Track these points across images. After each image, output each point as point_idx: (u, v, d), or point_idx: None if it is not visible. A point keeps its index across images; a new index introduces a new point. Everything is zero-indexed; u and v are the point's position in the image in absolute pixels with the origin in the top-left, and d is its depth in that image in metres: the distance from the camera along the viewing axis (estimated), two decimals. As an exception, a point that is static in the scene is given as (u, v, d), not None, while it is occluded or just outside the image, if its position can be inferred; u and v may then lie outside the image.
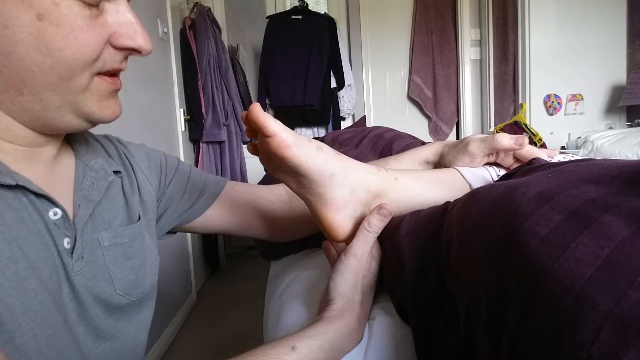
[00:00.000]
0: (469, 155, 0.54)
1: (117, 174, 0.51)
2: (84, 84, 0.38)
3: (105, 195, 0.48)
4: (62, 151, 0.46)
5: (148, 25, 1.74)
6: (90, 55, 0.37)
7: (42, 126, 0.39)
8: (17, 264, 0.35)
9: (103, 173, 0.48)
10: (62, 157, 0.46)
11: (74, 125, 0.40)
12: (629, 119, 2.38)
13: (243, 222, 0.61)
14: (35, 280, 0.36)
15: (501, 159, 0.55)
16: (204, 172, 0.63)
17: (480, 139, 0.54)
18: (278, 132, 0.36)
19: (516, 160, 0.54)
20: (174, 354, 1.69)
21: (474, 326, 0.28)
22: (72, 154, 0.48)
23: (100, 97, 0.41)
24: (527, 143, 0.51)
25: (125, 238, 0.48)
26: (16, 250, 0.35)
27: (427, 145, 0.62)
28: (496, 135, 0.52)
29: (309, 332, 0.38)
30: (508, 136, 0.51)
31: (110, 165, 0.50)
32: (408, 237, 0.41)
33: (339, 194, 0.42)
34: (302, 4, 2.76)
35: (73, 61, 0.36)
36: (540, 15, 2.43)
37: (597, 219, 0.21)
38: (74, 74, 0.37)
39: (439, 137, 2.99)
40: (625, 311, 0.16)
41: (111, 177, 0.49)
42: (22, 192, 0.38)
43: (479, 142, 0.53)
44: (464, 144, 0.55)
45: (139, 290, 0.50)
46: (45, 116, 0.38)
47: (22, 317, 0.34)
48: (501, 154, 0.54)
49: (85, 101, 0.39)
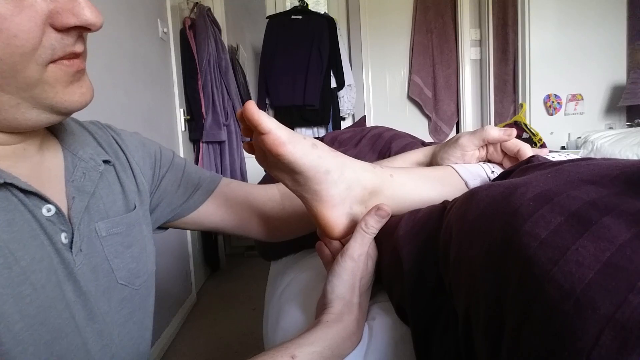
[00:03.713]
0: (460, 149, 0.55)
1: (108, 164, 0.49)
2: (35, 76, 0.34)
3: (99, 185, 0.47)
4: (46, 142, 0.44)
5: (148, 25, 1.74)
6: (24, 45, 0.32)
7: (8, 127, 0.37)
8: (10, 270, 0.34)
9: (93, 163, 0.46)
10: (47, 148, 0.44)
11: (43, 120, 0.37)
12: (629, 119, 2.37)
13: (237, 220, 0.60)
14: (31, 285, 0.35)
15: (491, 154, 0.56)
16: (199, 167, 0.62)
17: (470, 132, 0.55)
18: (273, 129, 0.36)
19: (505, 155, 0.55)
20: (174, 354, 1.68)
21: (473, 328, 0.28)
22: (57, 145, 0.45)
23: (62, 85, 0.36)
24: (515, 135, 0.53)
25: (123, 227, 0.48)
26: (8, 255, 0.34)
27: (418, 149, 0.63)
28: (486, 127, 0.53)
29: (308, 339, 0.37)
30: (497, 128, 0.53)
31: (99, 155, 0.48)
32: (406, 237, 0.41)
33: (334, 191, 0.42)
34: (302, 4, 2.76)
35: (7, 56, 0.31)
36: (540, 15, 2.42)
37: (597, 221, 0.21)
38: (14, 69, 0.32)
39: (439, 137, 2.99)
40: (626, 316, 0.16)
41: (102, 167, 0.47)
42: (11, 191, 0.36)
43: (469, 134, 0.55)
44: (455, 139, 0.56)
45: (142, 279, 0.49)
46: (4, 117, 0.35)
47: (18, 324, 0.34)
48: (491, 148, 0.55)
49: (45, 93, 0.35)
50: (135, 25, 1.60)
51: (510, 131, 0.52)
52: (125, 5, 1.52)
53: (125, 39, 1.50)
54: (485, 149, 0.56)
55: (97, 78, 1.26)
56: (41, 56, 0.34)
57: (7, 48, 0.31)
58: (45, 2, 0.33)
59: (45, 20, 0.33)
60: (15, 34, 0.31)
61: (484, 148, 0.56)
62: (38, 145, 0.42)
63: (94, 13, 0.35)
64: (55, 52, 0.34)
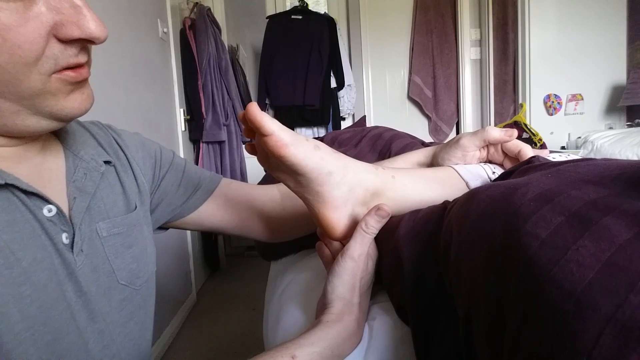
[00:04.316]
0: (461, 149, 0.55)
1: (109, 164, 0.49)
2: (37, 86, 0.34)
3: (100, 185, 0.47)
4: (47, 143, 0.44)
5: (148, 25, 1.74)
6: (28, 55, 0.32)
7: (8, 132, 0.37)
8: (11, 270, 0.34)
9: (94, 164, 0.46)
10: (49, 149, 0.44)
11: (43, 126, 0.37)
12: (629, 119, 2.37)
13: (237, 220, 0.60)
14: (32, 285, 0.35)
15: (492, 154, 0.56)
16: (199, 168, 0.62)
17: (471, 132, 0.55)
18: (275, 131, 0.36)
19: (506, 156, 0.55)
20: (174, 354, 1.68)
21: (473, 328, 0.28)
22: (59, 145, 0.46)
23: (64, 94, 0.36)
24: (516, 136, 0.53)
25: (124, 227, 0.48)
26: (9, 255, 0.34)
27: (419, 150, 0.63)
28: (487, 128, 0.54)
29: (308, 339, 0.37)
30: (498, 128, 0.53)
31: (100, 155, 0.48)
32: (407, 237, 0.41)
33: (336, 193, 0.42)
34: (302, 4, 2.76)
35: (10, 66, 0.32)
36: (540, 15, 2.43)
37: (597, 221, 0.21)
38: (16, 79, 0.33)
39: (439, 137, 2.99)
40: (627, 316, 0.16)
41: (102, 167, 0.47)
42: (12, 192, 0.36)
43: (470, 135, 0.55)
44: (456, 139, 0.56)
45: (142, 279, 0.49)
46: (4, 123, 0.35)
47: (20, 324, 0.34)
48: (491, 149, 0.55)
49: (46, 102, 0.35)
50: (135, 25, 1.60)
51: (512, 132, 0.52)
52: (125, 5, 1.52)
53: (125, 39, 1.50)
54: (486, 149, 0.56)
55: (97, 78, 1.26)
56: (44, 66, 0.34)
57: (11, 58, 0.31)
58: (50, 14, 0.33)
59: (49, 32, 0.33)
60: (19, 45, 0.31)
61: (485, 149, 0.56)
62: (40, 146, 0.42)
63: (99, 27, 0.35)
64: (57, 63, 0.35)
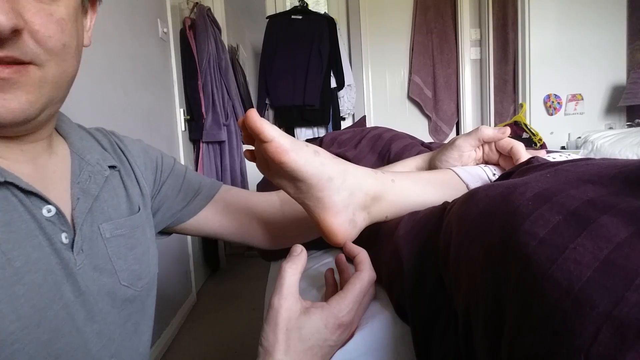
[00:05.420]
0: (457, 150, 0.56)
1: (113, 169, 0.50)
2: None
3: (104, 188, 0.47)
4: (55, 144, 0.45)
5: (148, 25, 1.75)
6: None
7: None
8: (3, 270, 0.34)
9: (99, 167, 0.47)
10: (56, 150, 0.45)
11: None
12: (629, 119, 2.37)
13: (236, 226, 0.61)
14: (26, 285, 0.35)
15: (487, 153, 0.57)
16: (199, 174, 0.63)
17: (465, 133, 0.57)
18: (275, 137, 0.36)
19: (500, 155, 0.56)
20: (174, 354, 1.68)
21: (472, 327, 0.28)
22: (66, 148, 0.47)
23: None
24: (509, 133, 0.55)
25: (127, 229, 0.48)
26: (0, 256, 0.34)
27: (417, 156, 0.65)
28: (480, 127, 0.55)
29: None
30: (491, 127, 0.55)
31: (105, 160, 0.49)
32: (406, 238, 0.41)
33: (337, 198, 0.42)
34: (302, 4, 2.76)
35: None
36: (540, 15, 2.42)
37: (595, 220, 0.21)
38: None
39: (439, 137, 2.99)
40: (624, 313, 0.16)
41: (107, 172, 0.48)
42: (11, 191, 0.36)
43: (465, 135, 0.57)
44: (451, 141, 0.58)
45: (144, 281, 0.50)
46: None
47: (14, 324, 0.34)
48: (486, 148, 0.57)
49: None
50: (135, 25, 1.60)
51: (504, 129, 0.54)
52: (125, 5, 1.52)
53: (125, 39, 1.50)
54: (482, 149, 0.57)
55: (97, 78, 1.27)
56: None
57: None
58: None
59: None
60: None
61: (481, 148, 0.57)
62: (45, 147, 0.43)
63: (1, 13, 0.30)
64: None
